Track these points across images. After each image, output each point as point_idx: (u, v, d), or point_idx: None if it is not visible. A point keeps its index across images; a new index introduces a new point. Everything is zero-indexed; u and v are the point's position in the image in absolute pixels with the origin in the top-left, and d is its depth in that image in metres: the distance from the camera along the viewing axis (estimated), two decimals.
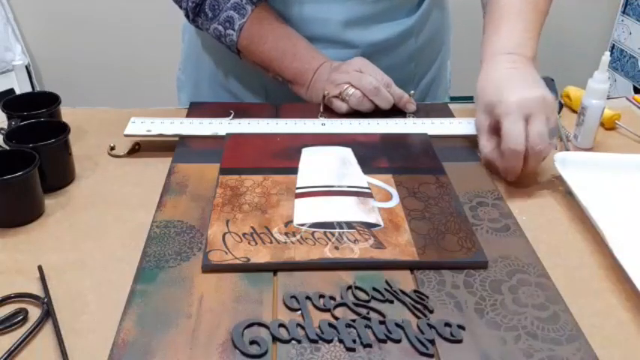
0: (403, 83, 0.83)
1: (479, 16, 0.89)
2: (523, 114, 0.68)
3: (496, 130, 0.71)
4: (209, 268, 0.55)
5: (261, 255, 0.56)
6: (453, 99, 1.01)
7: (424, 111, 0.85)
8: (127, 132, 0.76)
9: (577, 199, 0.66)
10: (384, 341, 0.49)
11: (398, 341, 0.48)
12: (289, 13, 0.87)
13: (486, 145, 0.72)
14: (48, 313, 0.52)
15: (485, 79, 0.75)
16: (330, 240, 0.58)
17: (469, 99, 0.83)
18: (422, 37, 0.94)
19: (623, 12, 2.09)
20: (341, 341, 0.48)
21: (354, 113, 0.82)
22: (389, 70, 0.82)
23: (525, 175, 0.70)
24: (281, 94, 0.91)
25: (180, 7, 0.88)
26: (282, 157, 0.72)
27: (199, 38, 0.97)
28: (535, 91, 0.69)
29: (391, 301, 0.52)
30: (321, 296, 0.52)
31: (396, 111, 0.82)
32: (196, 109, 0.85)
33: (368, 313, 0.51)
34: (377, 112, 0.82)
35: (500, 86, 0.71)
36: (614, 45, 2.14)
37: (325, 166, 0.70)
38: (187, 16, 0.88)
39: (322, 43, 0.87)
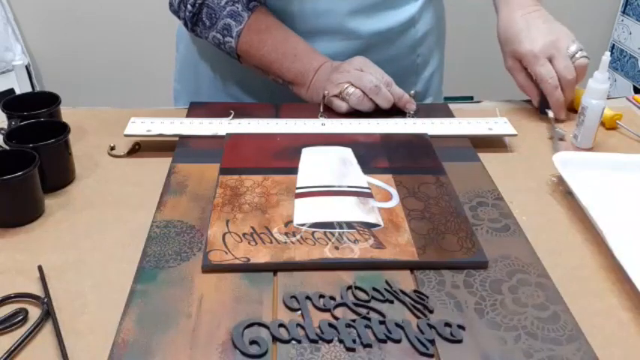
0: (407, 75, 0.83)
1: (472, 17, 0.89)
2: (546, 57, 0.83)
3: (526, 71, 0.87)
4: (209, 268, 0.55)
5: (261, 255, 0.56)
6: (447, 99, 1.01)
7: (424, 111, 0.84)
8: (127, 132, 0.76)
9: (577, 199, 0.66)
10: (384, 341, 0.49)
11: (398, 341, 0.48)
12: (291, 8, 0.87)
13: (524, 82, 0.88)
14: (48, 313, 0.52)
15: (504, 27, 0.87)
16: (330, 240, 0.58)
17: (466, 99, 0.83)
18: (422, 27, 0.94)
19: (623, 12, 2.09)
20: (341, 341, 0.48)
21: (354, 113, 0.82)
22: (393, 61, 0.82)
23: (568, 104, 0.86)
24: (283, 95, 0.91)
25: (179, 17, 0.88)
26: (282, 157, 0.72)
27: (195, 46, 0.97)
28: (549, 37, 0.84)
29: (391, 301, 0.52)
30: (321, 296, 0.52)
31: (396, 111, 0.82)
32: (196, 109, 0.84)
33: (368, 313, 0.51)
34: (377, 112, 0.82)
35: (521, 36, 0.85)
36: (614, 45, 2.14)
37: (325, 166, 0.70)
38: (186, 25, 0.88)
39: (325, 35, 0.87)
